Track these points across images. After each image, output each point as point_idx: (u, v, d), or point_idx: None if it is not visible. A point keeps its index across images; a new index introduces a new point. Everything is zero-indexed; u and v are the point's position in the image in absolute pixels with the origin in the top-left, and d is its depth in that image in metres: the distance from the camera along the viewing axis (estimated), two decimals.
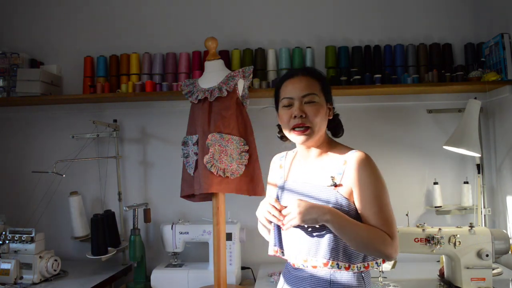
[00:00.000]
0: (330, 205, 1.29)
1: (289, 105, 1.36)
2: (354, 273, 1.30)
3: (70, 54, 2.66)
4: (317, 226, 1.29)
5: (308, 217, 1.26)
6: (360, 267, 1.31)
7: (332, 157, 1.37)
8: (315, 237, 1.31)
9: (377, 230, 1.26)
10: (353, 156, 1.31)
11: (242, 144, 1.95)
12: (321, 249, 1.30)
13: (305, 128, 1.33)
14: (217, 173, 1.88)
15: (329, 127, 1.43)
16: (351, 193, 1.31)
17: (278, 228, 1.41)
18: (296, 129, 1.34)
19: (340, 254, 1.29)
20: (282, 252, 1.41)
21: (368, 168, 1.29)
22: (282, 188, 1.45)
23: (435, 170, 2.47)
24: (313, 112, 1.34)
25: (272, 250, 1.42)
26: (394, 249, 1.27)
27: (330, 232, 1.28)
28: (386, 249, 1.25)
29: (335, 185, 1.31)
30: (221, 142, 1.90)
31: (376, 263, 1.34)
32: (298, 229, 1.34)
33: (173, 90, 2.46)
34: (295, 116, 1.33)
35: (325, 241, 1.30)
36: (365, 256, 1.32)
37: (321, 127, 1.36)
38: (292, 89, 1.36)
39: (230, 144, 1.92)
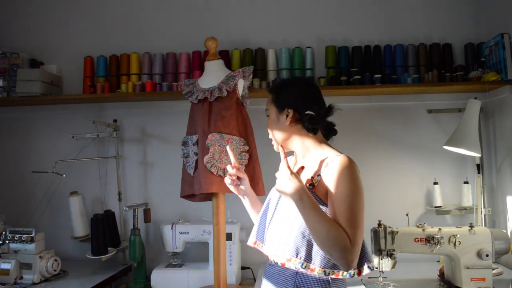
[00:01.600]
0: None
1: None
2: (320, 277, 1.31)
3: (70, 54, 2.66)
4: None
5: (282, 188, 1.29)
6: (328, 273, 1.30)
7: (317, 159, 1.40)
8: (287, 232, 1.34)
9: (342, 231, 1.22)
10: (335, 159, 1.33)
11: (242, 144, 1.95)
12: (288, 244, 1.34)
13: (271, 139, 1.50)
14: (217, 173, 1.88)
15: (306, 127, 1.43)
16: (326, 195, 1.32)
17: (265, 220, 1.46)
18: None
19: (303, 253, 1.31)
20: (262, 246, 1.46)
21: (345, 172, 1.29)
22: None
23: (435, 170, 2.47)
24: (268, 125, 1.50)
25: (251, 241, 1.49)
26: (352, 257, 1.21)
27: (301, 229, 1.31)
28: (344, 252, 1.21)
29: (313, 186, 1.35)
30: (221, 142, 1.90)
31: (349, 273, 1.31)
32: (278, 222, 1.39)
33: (173, 90, 2.46)
34: None
35: (293, 237, 1.33)
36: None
37: (278, 136, 1.46)
38: None
39: (230, 144, 1.91)
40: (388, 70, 2.45)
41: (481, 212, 2.31)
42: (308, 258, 1.31)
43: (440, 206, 2.41)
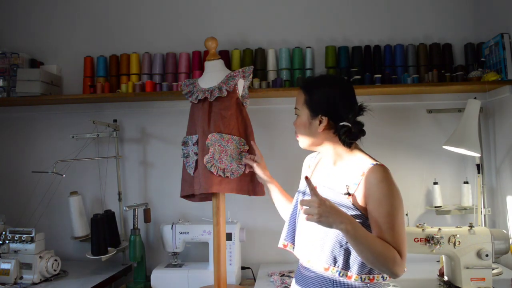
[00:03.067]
0: None
1: None
2: (357, 283, 1.30)
3: (70, 54, 2.66)
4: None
5: (324, 220, 1.21)
6: (364, 278, 1.30)
7: (352, 165, 1.36)
8: (321, 240, 1.33)
9: (390, 247, 1.23)
10: (372, 169, 1.30)
11: (242, 144, 1.95)
12: (323, 253, 1.32)
13: (297, 136, 1.47)
14: (217, 173, 1.88)
15: (339, 137, 1.40)
16: (363, 204, 1.30)
17: (294, 222, 1.45)
18: None
19: (341, 261, 1.29)
20: (293, 248, 1.46)
21: (385, 185, 1.27)
22: (305, 186, 1.48)
23: (435, 170, 2.47)
24: (295, 124, 1.46)
25: (282, 243, 1.48)
26: (402, 269, 1.25)
27: (338, 239, 1.29)
28: (394, 267, 1.23)
29: (349, 194, 1.31)
30: (221, 142, 1.90)
31: (382, 277, 1.32)
32: (308, 225, 1.37)
33: (173, 90, 2.46)
34: None
35: (329, 246, 1.30)
36: (371, 268, 1.30)
37: (305, 137, 1.42)
38: None
39: (230, 144, 1.91)
40: (388, 70, 2.45)
41: (481, 212, 2.31)
42: (346, 266, 1.30)
43: (440, 206, 2.40)
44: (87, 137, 2.52)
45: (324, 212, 1.20)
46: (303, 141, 1.45)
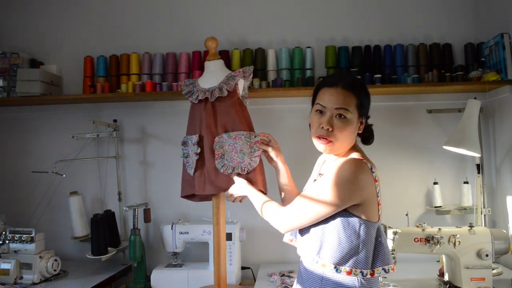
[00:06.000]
0: None
1: (322, 112, 1.38)
2: (347, 278, 1.28)
3: (70, 54, 2.66)
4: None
5: (236, 192, 1.69)
6: (365, 273, 1.28)
7: (341, 160, 1.38)
8: (312, 234, 1.35)
9: (273, 205, 1.46)
10: (346, 159, 1.33)
11: (253, 137, 1.92)
12: (312, 248, 1.35)
13: (328, 141, 1.36)
14: (226, 171, 1.85)
15: (361, 136, 1.45)
16: None
17: None
18: (321, 138, 1.37)
19: (325, 254, 1.31)
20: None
21: (337, 170, 1.30)
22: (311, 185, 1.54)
23: (435, 170, 2.47)
24: (340, 127, 1.35)
25: (288, 238, 1.52)
26: (281, 224, 1.40)
27: (317, 233, 1.33)
28: (273, 220, 1.43)
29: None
30: (229, 141, 1.88)
31: (383, 269, 1.32)
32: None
33: (173, 90, 2.46)
34: (322, 127, 1.36)
35: (316, 240, 1.34)
36: (360, 262, 1.29)
37: (345, 141, 1.38)
38: (328, 99, 1.37)
39: (239, 141, 1.89)
40: (388, 70, 2.45)
41: (481, 212, 2.31)
42: (335, 261, 1.29)
43: (440, 206, 2.41)
44: (87, 137, 2.52)
45: (236, 187, 1.70)
46: (341, 146, 1.40)
